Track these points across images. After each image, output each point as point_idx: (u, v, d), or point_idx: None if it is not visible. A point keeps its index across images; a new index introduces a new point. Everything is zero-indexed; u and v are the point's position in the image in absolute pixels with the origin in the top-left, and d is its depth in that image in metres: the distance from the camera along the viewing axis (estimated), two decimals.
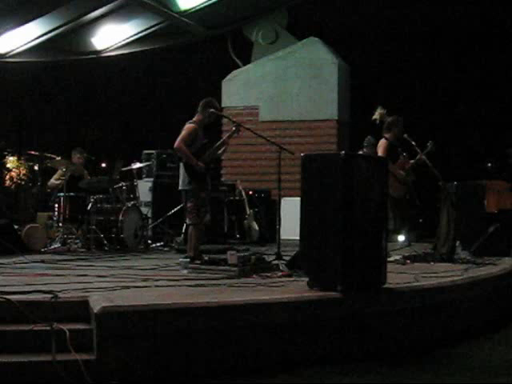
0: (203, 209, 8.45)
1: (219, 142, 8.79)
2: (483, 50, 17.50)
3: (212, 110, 8.56)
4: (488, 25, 16.89)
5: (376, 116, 10.22)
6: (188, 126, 8.49)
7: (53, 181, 11.47)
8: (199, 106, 8.63)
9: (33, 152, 12.85)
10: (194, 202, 8.37)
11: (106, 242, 10.41)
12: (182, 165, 8.55)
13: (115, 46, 17.10)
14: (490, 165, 17.68)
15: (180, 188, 8.54)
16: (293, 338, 5.33)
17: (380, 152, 9.86)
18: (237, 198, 13.46)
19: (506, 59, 16.86)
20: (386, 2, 16.17)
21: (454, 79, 17.66)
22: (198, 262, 7.71)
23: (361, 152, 11.17)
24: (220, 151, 8.81)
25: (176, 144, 8.34)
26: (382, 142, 10.04)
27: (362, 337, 5.66)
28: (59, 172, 11.53)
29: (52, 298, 5.05)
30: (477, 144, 17.92)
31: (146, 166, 12.96)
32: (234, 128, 8.71)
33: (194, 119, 8.59)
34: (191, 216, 8.47)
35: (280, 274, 7.01)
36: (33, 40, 15.93)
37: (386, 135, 10.09)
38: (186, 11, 15.92)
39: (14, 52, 16.24)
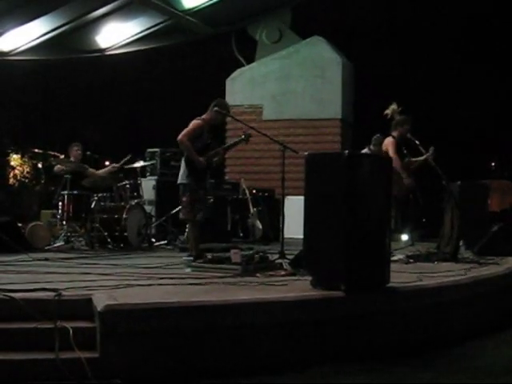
0: (198, 205, 8.42)
1: (224, 147, 8.79)
2: (487, 48, 17.49)
3: (216, 108, 8.56)
4: (491, 23, 16.89)
5: (389, 111, 10.25)
6: (194, 122, 8.51)
7: (58, 166, 11.33)
8: (210, 105, 8.64)
9: (36, 150, 12.86)
10: (189, 196, 8.37)
11: (109, 240, 10.40)
12: (183, 159, 8.56)
13: (119, 45, 17.12)
14: (493, 164, 17.68)
15: (178, 182, 8.54)
16: (295, 337, 5.33)
17: (390, 151, 9.81)
18: (240, 196, 13.48)
19: (510, 57, 16.84)
20: (391, 1, 16.18)
21: (460, 78, 17.65)
22: (201, 260, 7.71)
23: (367, 149, 11.15)
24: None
25: (179, 136, 8.35)
26: (390, 142, 10.02)
27: (365, 336, 5.66)
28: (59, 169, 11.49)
29: (56, 295, 5.04)
30: (481, 144, 17.91)
31: (150, 164, 12.96)
32: (242, 136, 8.73)
33: (202, 116, 8.61)
34: (185, 211, 8.46)
35: (283, 272, 6.99)
36: (37, 38, 15.96)
37: (394, 133, 10.10)
38: (190, 10, 15.95)
39: (19, 50, 16.27)
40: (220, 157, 8.90)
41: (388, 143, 10.07)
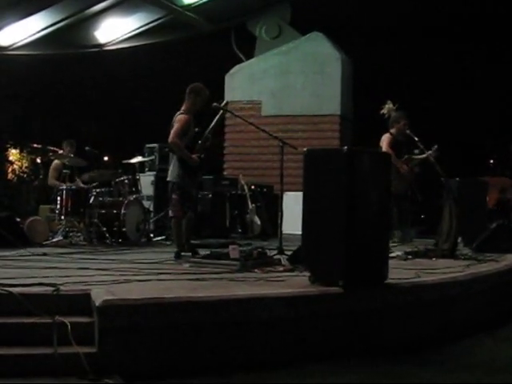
0: (188, 203, 8.36)
1: (209, 129, 8.62)
2: (486, 46, 17.48)
3: (215, 104, 8.50)
4: (491, 20, 16.86)
5: (384, 110, 10.28)
6: (180, 118, 8.32)
7: (53, 180, 11.44)
8: (186, 94, 8.50)
9: (35, 145, 12.87)
10: (180, 195, 8.29)
11: (107, 235, 10.39)
12: (173, 156, 8.47)
13: (118, 40, 17.10)
14: (492, 161, 17.70)
15: (168, 179, 8.46)
16: (293, 333, 5.33)
17: (384, 146, 9.90)
18: (239, 192, 13.47)
19: (509, 54, 16.84)
20: None
21: (458, 75, 17.65)
22: (188, 254, 7.76)
23: None
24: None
25: (170, 139, 8.16)
26: (386, 137, 10.10)
27: (363, 333, 5.66)
28: (54, 167, 11.51)
29: (54, 291, 5.05)
30: (479, 141, 17.91)
31: (149, 159, 12.95)
32: (221, 110, 8.58)
33: (183, 108, 8.46)
34: (174, 209, 8.39)
35: (282, 268, 7.00)
36: (36, 33, 15.93)
37: (391, 130, 10.15)
38: (189, 5, 15.94)
39: (17, 45, 16.23)
40: (210, 140, 8.73)
41: (383, 139, 10.14)
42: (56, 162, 11.52)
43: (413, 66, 18.19)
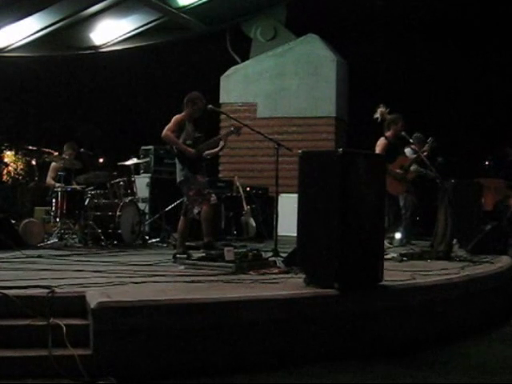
0: (206, 191, 8.44)
1: (214, 139, 8.75)
2: (483, 47, 17.49)
3: (210, 106, 8.59)
4: (489, 22, 16.88)
5: (377, 115, 10.25)
6: (175, 117, 8.61)
7: (49, 180, 11.45)
8: (184, 103, 8.70)
9: (30, 147, 12.84)
10: (194, 187, 8.37)
11: (103, 237, 10.37)
12: (176, 159, 8.60)
13: (114, 42, 17.09)
14: (487, 163, 17.71)
15: (177, 181, 8.56)
16: (288, 335, 5.33)
17: (377, 151, 9.90)
18: (234, 194, 13.48)
19: (506, 56, 16.86)
20: None
21: (454, 77, 17.66)
22: (194, 258, 7.76)
23: (408, 148, 10.87)
24: (217, 149, 8.83)
25: (163, 133, 8.45)
26: (381, 142, 10.10)
27: (359, 334, 5.66)
28: (53, 167, 11.50)
29: (49, 293, 5.03)
30: (475, 142, 17.91)
31: (144, 161, 12.93)
32: (232, 129, 8.73)
33: (182, 114, 8.67)
34: (197, 203, 8.44)
35: (277, 270, 6.99)
36: (31, 35, 15.92)
37: (386, 134, 10.16)
38: (184, 7, 15.94)
39: (13, 46, 16.21)
40: (212, 151, 8.83)
41: (378, 144, 10.14)
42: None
43: (408, 68, 18.20)
